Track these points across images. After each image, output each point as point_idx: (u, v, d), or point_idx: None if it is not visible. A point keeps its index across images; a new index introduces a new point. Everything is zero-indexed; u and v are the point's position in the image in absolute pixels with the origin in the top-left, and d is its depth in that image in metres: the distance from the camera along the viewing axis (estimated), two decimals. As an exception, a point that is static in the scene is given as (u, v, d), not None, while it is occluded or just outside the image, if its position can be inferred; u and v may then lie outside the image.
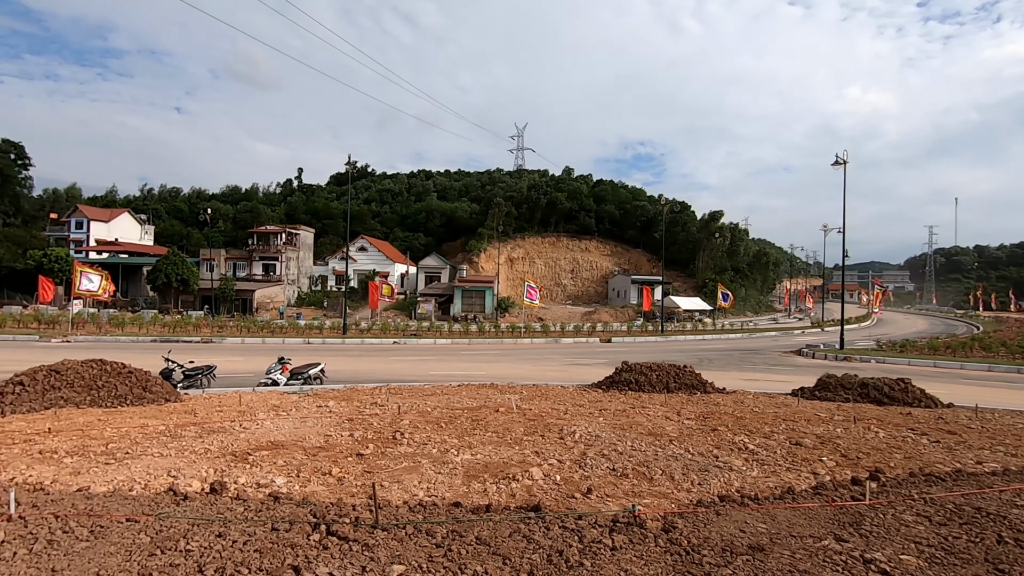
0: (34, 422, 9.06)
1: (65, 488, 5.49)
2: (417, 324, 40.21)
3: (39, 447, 7.26)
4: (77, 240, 63.29)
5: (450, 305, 57.52)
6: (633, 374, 14.71)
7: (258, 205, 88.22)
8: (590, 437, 8.29)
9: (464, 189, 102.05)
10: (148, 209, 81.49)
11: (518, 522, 4.61)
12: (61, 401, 10.66)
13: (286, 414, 10.00)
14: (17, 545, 3.99)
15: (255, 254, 60.38)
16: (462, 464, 6.71)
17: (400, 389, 13.84)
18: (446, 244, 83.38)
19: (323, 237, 75.88)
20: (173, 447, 7.23)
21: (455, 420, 9.49)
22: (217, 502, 5.07)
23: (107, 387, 11.32)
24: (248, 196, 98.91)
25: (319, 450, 7.31)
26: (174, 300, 54.10)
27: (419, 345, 32.32)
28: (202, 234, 76.82)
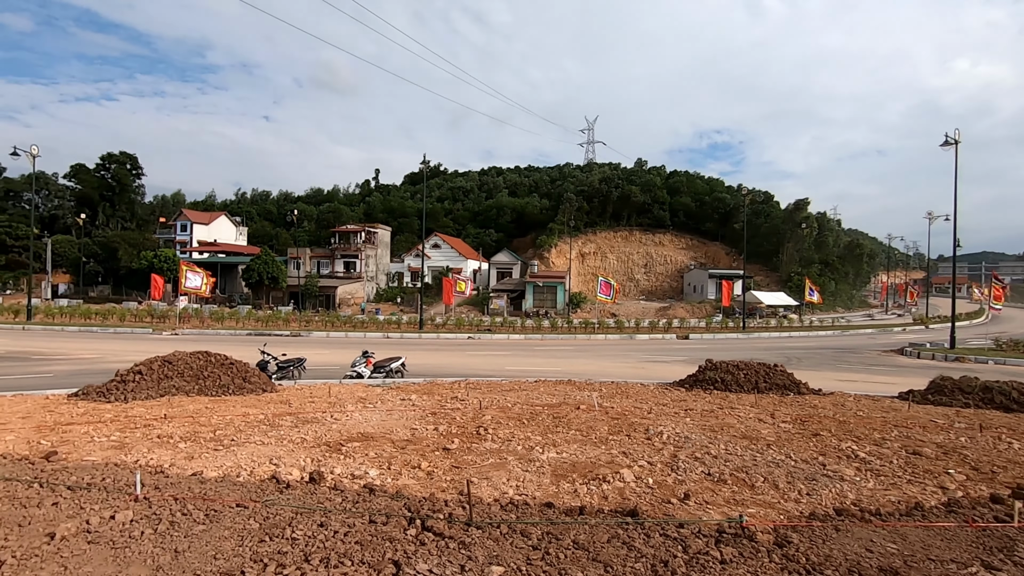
0: (151, 408, 9.88)
1: (181, 472, 5.88)
2: (491, 320, 40.65)
3: (157, 432, 7.88)
4: (182, 241, 69.17)
5: (522, 301, 57.74)
6: (719, 372, 14.01)
7: (339, 205, 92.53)
8: (679, 438, 7.91)
9: (534, 185, 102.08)
10: (242, 211, 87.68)
11: (615, 527, 4.42)
12: (173, 389, 11.57)
13: (372, 407, 10.31)
14: (144, 525, 4.28)
15: (337, 252, 63.39)
16: (549, 462, 6.58)
17: (479, 384, 13.94)
18: (517, 240, 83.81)
19: (399, 235, 78.43)
20: (273, 436, 7.61)
21: (536, 417, 9.39)
22: (316, 491, 5.24)
23: (212, 377, 12.18)
24: (330, 197, 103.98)
25: (407, 443, 7.44)
26: (265, 296, 57.87)
27: (493, 340, 32.62)
28: (289, 234, 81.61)
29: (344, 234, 65.71)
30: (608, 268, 73.76)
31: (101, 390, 11.34)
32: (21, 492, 5.01)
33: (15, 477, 5.43)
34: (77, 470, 5.73)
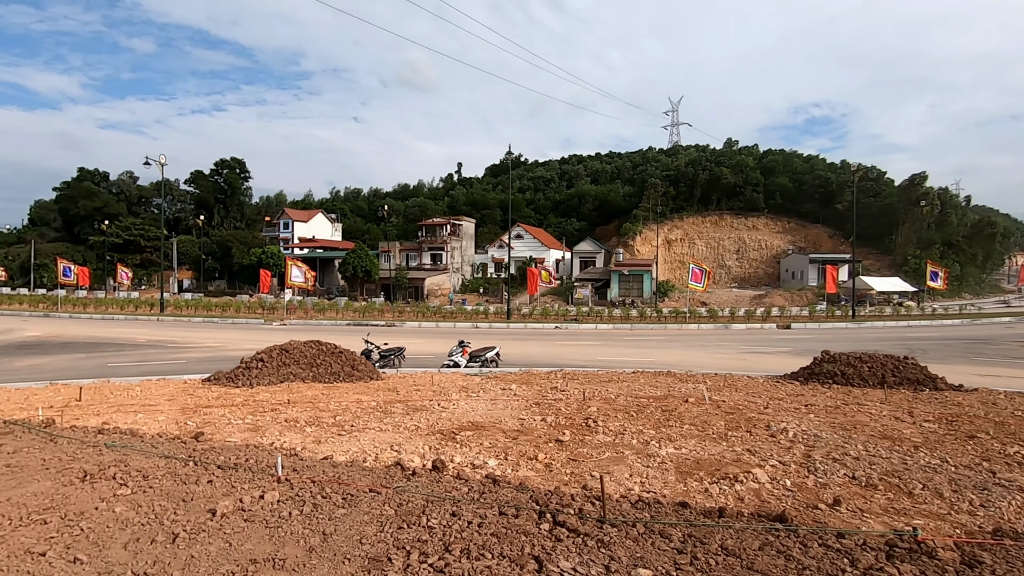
0: (275, 393, 10.59)
1: (313, 456, 6.18)
2: (577, 309, 40.29)
3: (284, 416, 8.40)
4: (284, 239, 74.42)
5: (607, 290, 56.76)
6: (838, 365, 12.87)
7: (424, 200, 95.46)
8: (807, 436, 7.29)
9: (616, 171, 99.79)
10: (336, 208, 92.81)
11: (763, 532, 4.07)
12: (291, 376, 12.36)
13: (476, 396, 10.42)
14: (290, 506, 4.49)
15: (424, 245, 65.47)
16: (669, 458, 6.27)
17: (575, 374, 13.75)
18: (599, 228, 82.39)
19: (482, 227, 79.62)
20: (388, 423, 7.86)
21: (644, 409, 9.06)
22: (441, 480, 5.29)
23: (324, 365, 12.89)
24: (415, 192, 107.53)
25: (518, 433, 7.40)
26: (360, 288, 60.98)
27: (580, 330, 32.29)
28: (379, 229, 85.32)
29: (430, 227, 67.68)
30: (696, 255, 70.69)
31: (230, 376, 12.34)
32: (180, 469, 5.46)
33: (173, 455, 5.94)
34: (224, 450, 6.18)
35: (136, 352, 20.39)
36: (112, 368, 16.50)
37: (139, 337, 24.98)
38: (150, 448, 6.32)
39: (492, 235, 79.10)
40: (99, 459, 5.82)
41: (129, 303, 39.52)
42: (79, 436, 6.98)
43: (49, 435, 6.96)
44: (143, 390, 11.46)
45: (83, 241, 68.96)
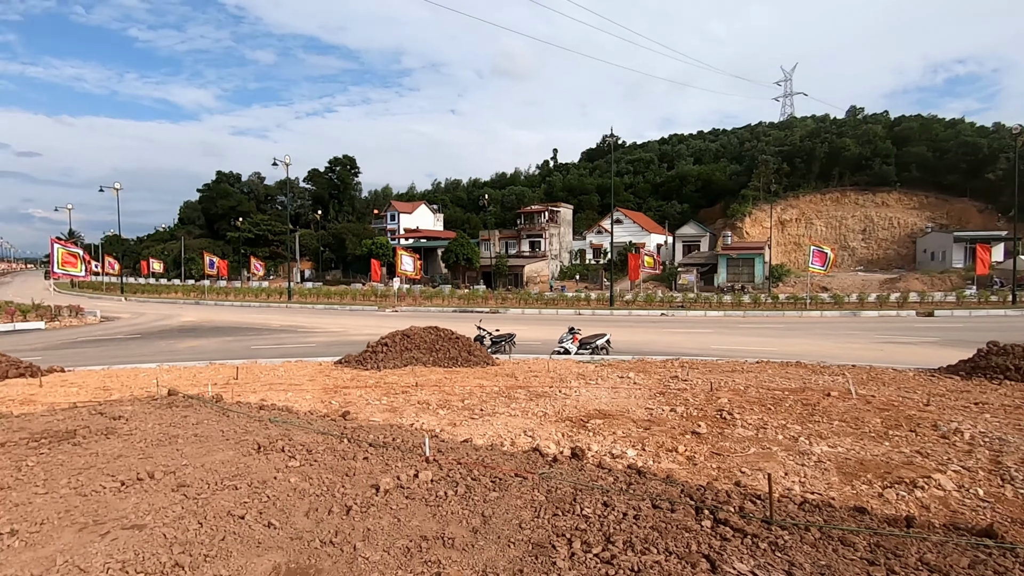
0: (401, 376, 11.15)
1: (452, 438, 6.39)
2: (684, 296, 38.70)
3: (415, 398, 8.81)
4: (391, 230, 78.50)
5: (713, 275, 53.98)
6: (1011, 358, 11.18)
7: (521, 187, 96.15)
8: (989, 440, 6.37)
9: (720, 150, 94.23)
10: (437, 199, 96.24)
11: (970, 548, 3.57)
12: (413, 360, 12.97)
13: (594, 383, 10.29)
14: (444, 486, 4.65)
15: (522, 232, 66.05)
16: (827, 457, 5.76)
17: (693, 363, 13.16)
18: (703, 210, 78.35)
19: (579, 212, 78.78)
20: (516, 408, 7.96)
21: (781, 403, 8.43)
22: (584, 468, 5.23)
23: (442, 350, 13.39)
24: (512, 180, 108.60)
25: (649, 423, 7.18)
26: (461, 276, 62.92)
27: (688, 317, 30.98)
28: (479, 218, 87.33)
29: (528, 215, 68.10)
30: (816, 236, 65.07)
31: (359, 359, 13.19)
32: (337, 445, 5.87)
33: (328, 432, 6.41)
34: (371, 429, 6.57)
35: (272, 336, 22.47)
36: (255, 350, 18.30)
37: (273, 322, 27.53)
38: (306, 424, 6.88)
39: (589, 221, 78.02)
40: (266, 432, 6.41)
41: (262, 292, 43.82)
42: (245, 411, 7.76)
43: (221, 409, 7.81)
44: (286, 371, 12.57)
45: (221, 236, 77.35)
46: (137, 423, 6.94)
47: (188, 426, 6.83)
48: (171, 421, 7.05)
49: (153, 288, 54.04)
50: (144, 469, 5.07)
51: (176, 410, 7.82)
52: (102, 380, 11.39)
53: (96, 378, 11.70)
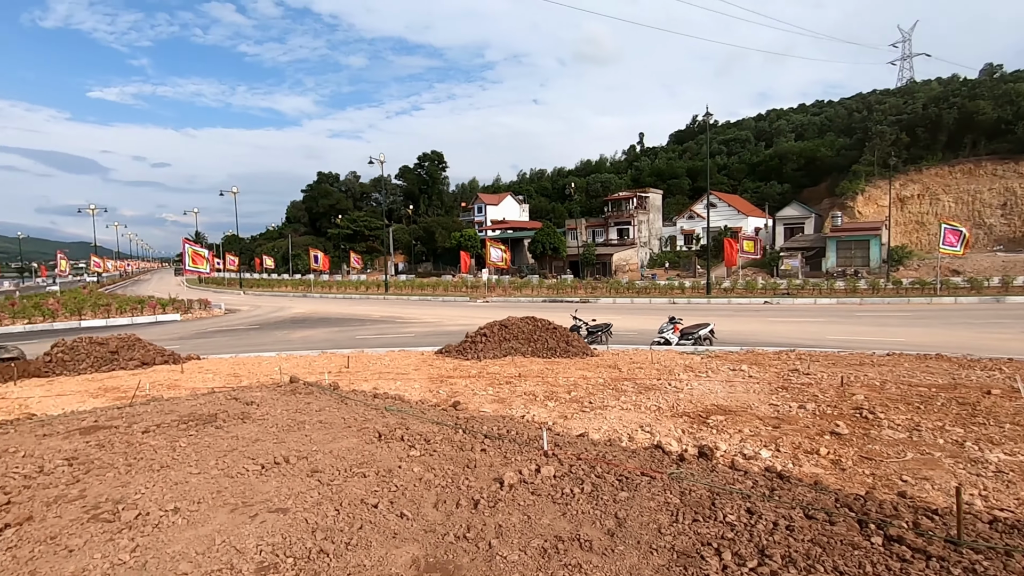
0: (503, 367, 11.16)
1: (566, 431, 6.22)
2: (788, 282, 36.05)
3: (521, 389, 8.74)
4: (479, 222, 79.87)
5: (820, 260, 49.88)
6: None
7: (606, 174, 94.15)
8: None
9: (826, 123, 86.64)
10: (522, 190, 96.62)
11: None
12: (512, 350, 12.97)
13: (705, 376, 9.71)
14: (568, 483, 4.47)
15: (610, 220, 64.69)
16: (1007, 467, 4.95)
17: (812, 355, 12.08)
18: (807, 190, 72.50)
19: (669, 197, 75.84)
20: (627, 401, 7.65)
21: (931, 401, 7.45)
22: (715, 469, 4.85)
23: (540, 340, 13.28)
24: (597, 168, 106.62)
25: (778, 421, 6.60)
26: (548, 266, 62.81)
27: (795, 305, 28.79)
28: (564, 207, 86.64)
29: (616, 202, 66.54)
30: (942, 213, 58.13)
31: (459, 348, 13.41)
32: (453, 436, 5.89)
33: (442, 422, 6.47)
34: (483, 420, 6.56)
35: (374, 326, 23.55)
36: (360, 340, 19.23)
37: (373, 314, 28.89)
38: (420, 414, 7.00)
39: (680, 206, 74.90)
40: (384, 421, 6.59)
41: (361, 284, 46.29)
42: (361, 399, 8.07)
43: (340, 397, 8.17)
44: (392, 360, 13.03)
45: (323, 233, 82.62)
46: (267, 409, 7.41)
47: (312, 412, 7.18)
48: (296, 408, 7.46)
49: (266, 283, 58.85)
50: (280, 454, 5.35)
51: (299, 397, 8.29)
52: (232, 367, 12.41)
53: (227, 365, 12.77)
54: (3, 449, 5.79)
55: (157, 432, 6.37)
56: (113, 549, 3.53)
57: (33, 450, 5.77)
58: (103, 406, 8.21)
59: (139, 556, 3.44)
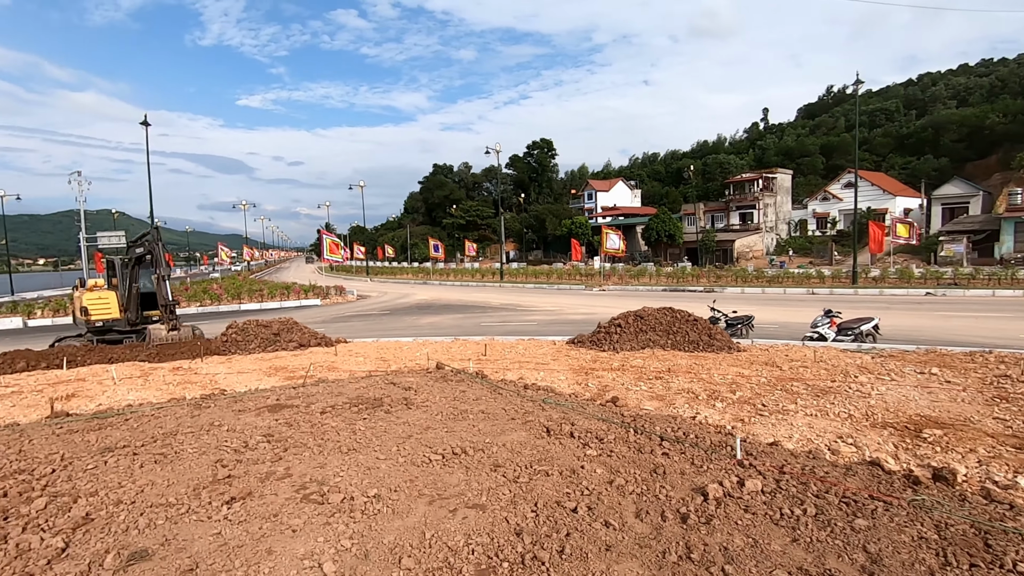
0: (646, 360, 10.63)
1: (751, 437, 5.63)
2: (954, 270, 31.38)
3: (675, 386, 8.19)
4: (588, 208, 78.70)
5: (993, 244, 42.97)
6: None
7: (725, 155, 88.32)
8: None
9: (997, 85, 74.25)
10: (633, 175, 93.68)
11: None
12: (649, 343, 12.37)
13: (888, 379, 8.49)
14: (783, 502, 3.95)
15: (731, 204, 60.66)
16: None
17: (1019, 358, 10.19)
18: (971, 164, 62.73)
19: (798, 177, 69.46)
20: (808, 406, 6.84)
21: None
22: (965, 498, 4.06)
23: (680, 332, 12.53)
24: (714, 149, 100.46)
25: (1018, 440, 5.50)
26: (663, 253, 60.37)
27: (965, 297, 24.94)
28: (678, 191, 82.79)
29: (738, 184, 62.21)
30: None
31: (592, 339, 13.06)
32: (627, 436, 5.55)
33: (607, 419, 6.17)
34: (652, 420, 6.15)
35: (496, 314, 23.91)
36: (485, 327, 19.57)
37: (492, 301, 29.42)
38: (579, 408, 6.75)
39: (812, 186, 68.40)
40: (546, 414, 6.42)
41: (476, 272, 47.59)
42: (512, 389, 8.00)
43: (492, 386, 8.18)
44: (525, 349, 13.00)
45: (438, 223, 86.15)
46: (426, 395, 7.57)
47: (470, 401, 7.21)
48: (453, 395, 7.54)
49: (389, 270, 62.63)
50: (455, 444, 5.34)
51: (451, 384, 8.42)
52: (377, 351, 13.07)
53: (372, 349, 13.49)
54: (211, 423, 6.39)
55: (333, 413, 6.72)
56: (333, 534, 3.62)
57: (234, 425, 6.31)
58: (279, 385, 8.92)
59: (358, 544, 3.49)
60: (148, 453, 5.37)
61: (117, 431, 6.25)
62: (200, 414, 6.89)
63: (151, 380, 9.90)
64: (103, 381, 9.80)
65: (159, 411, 7.18)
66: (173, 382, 9.66)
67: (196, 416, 6.78)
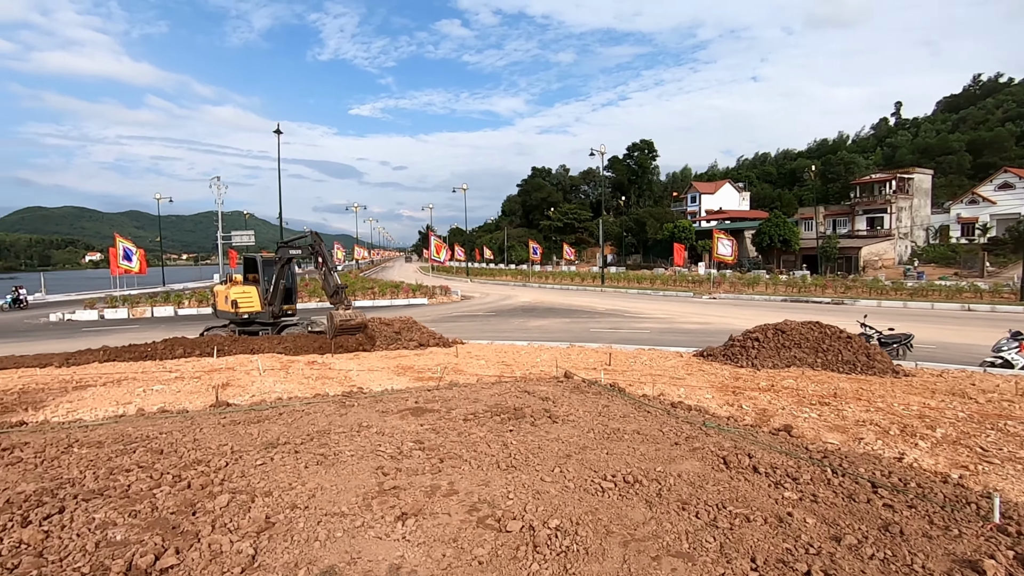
0: (798, 380, 9.48)
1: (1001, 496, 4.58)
2: None
3: (852, 416, 7.11)
4: (692, 212, 75.22)
5: None
6: None
7: (848, 154, 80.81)
8: None
9: None
10: (741, 177, 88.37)
11: None
12: (794, 360, 11.11)
13: None
14: None
15: (857, 207, 55.23)
16: None
17: None
18: None
19: (939, 178, 61.86)
20: (1046, 454, 5.57)
21: None
22: None
23: (832, 351, 11.15)
24: (834, 147, 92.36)
25: None
26: (775, 260, 56.17)
27: None
28: (792, 194, 76.97)
29: (866, 185, 56.50)
30: None
31: (725, 353, 11.99)
32: (824, 476, 4.73)
33: (792, 453, 5.35)
34: (852, 459, 5.24)
35: (603, 319, 23.15)
36: (595, 333, 18.91)
37: (597, 306, 28.64)
38: (749, 436, 5.97)
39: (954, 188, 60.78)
40: (713, 440, 5.71)
41: (576, 276, 46.92)
42: (657, 406, 7.35)
43: (635, 402, 7.57)
44: (650, 359, 12.21)
45: (535, 225, 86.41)
46: (567, 407, 7.12)
47: (617, 418, 6.66)
48: (596, 410, 7.03)
49: (487, 272, 63.62)
50: (622, 469, 4.81)
51: (588, 396, 7.91)
52: (496, 354, 12.89)
53: (490, 352, 13.34)
54: (359, 424, 6.35)
55: (476, 422, 6.45)
56: (526, 574, 3.22)
57: (382, 428, 6.21)
58: (413, 386, 8.90)
59: (560, 591, 3.06)
60: (308, 452, 5.36)
61: (275, 425, 6.39)
62: (347, 413, 6.91)
63: (291, 373, 10.31)
64: (250, 372, 10.36)
65: (308, 407, 7.32)
66: (312, 376, 9.98)
67: (344, 415, 6.81)
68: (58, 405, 7.78)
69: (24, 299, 31.58)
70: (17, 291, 31.40)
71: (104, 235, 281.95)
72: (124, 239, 30.15)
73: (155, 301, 29.24)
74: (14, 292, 31.41)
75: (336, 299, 13.83)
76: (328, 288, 14.10)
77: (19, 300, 31.17)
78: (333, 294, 13.88)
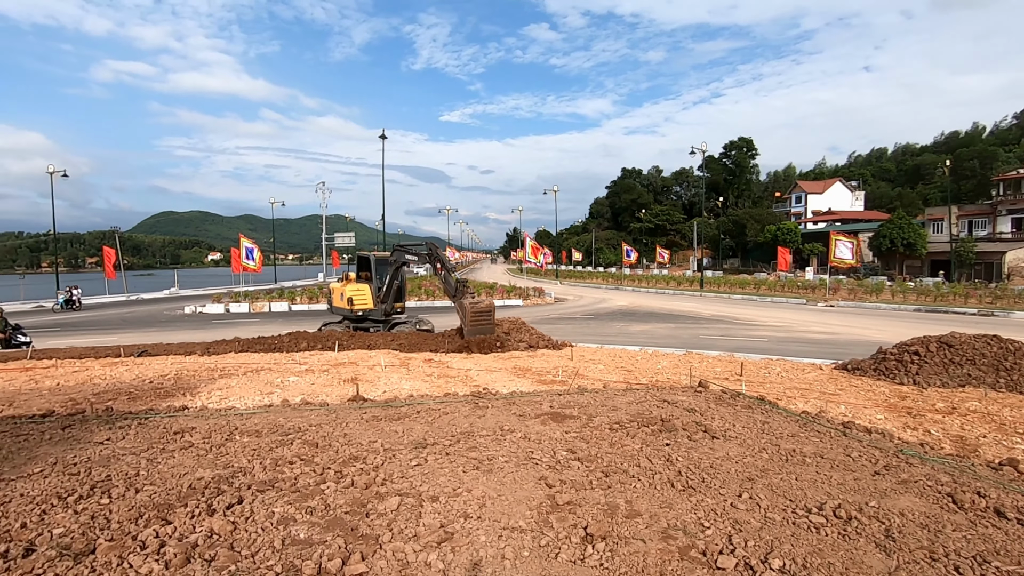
0: (982, 403, 8.14)
1: None
2: None
3: (1084, 450, 5.87)
4: (796, 213, 70.11)
5: None
6: None
7: (986, 148, 71.82)
8: None
9: None
10: (854, 175, 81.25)
11: None
12: (968, 379, 9.61)
13: None
14: None
15: (999, 207, 48.85)
16: None
17: None
18: None
19: (1107, 173, 53.18)
20: None
21: None
22: None
23: (1017, 369, 9.54)
24: (967, 141, 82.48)
25: None
26: (897, 265, 50.95)
27: None
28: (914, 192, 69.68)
29: (1011, 182, 49.85)
30: None
31: (876, 367, 10.65)
32: (1101, 529, 3.77)
33: None
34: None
35: (711, 326, 21.82)
36: (705, 340, 17.78)
37: (701, 311, 27.16)
38: (967, 469, 5.02)
39: None
40: (919, 471, 4.84)
41: (671, 280, 45.08)
42: (826, 425, 6.48)
43: (795, 418, 6.75)
44: (785, 372, 11.14)
45: (624, 227, 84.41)
46: (719, 422, 6.44)
47: (784, 436, 5.90)
48: (756, 426, 6.30)
49: (577, 274, 62.89)
50: (822, 500, 4.12)
51: (738, 410, 7.16)
52: (611, 359, 12.33)
53: (605, 356, 12.80)
54: (500, 427, 6.07)
55: (624, 432, 5.95)
56: (771, 628, 2.68)
57: (527, 433, 5.88)
58: (540, 389, 8.57)
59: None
60: (460, 455, 5.12)
61: (416, 424, 6.26)
62: (484, 415, 6.67)
63: (412, 370, 10.35)
64: (372, 367, 10.52)
65: (442, 406, 7.17)
66: (433, 374, 9.95)
67: (482, 417, 6.57)
68: (211, 392, 8.20)
69: (78, 300, 30.61)
70: (71, 291, 30.47)
71: (223, 236, 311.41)
72: (247, 239, 32.64)
73: (271, 297, 31.39)
74: (67, 292, 30.40)
75: (459, 296, 14.05)
76: (449, 288, 14.43)
77: (71, 301, 30.22)
78: (455, 292, 14.15)
